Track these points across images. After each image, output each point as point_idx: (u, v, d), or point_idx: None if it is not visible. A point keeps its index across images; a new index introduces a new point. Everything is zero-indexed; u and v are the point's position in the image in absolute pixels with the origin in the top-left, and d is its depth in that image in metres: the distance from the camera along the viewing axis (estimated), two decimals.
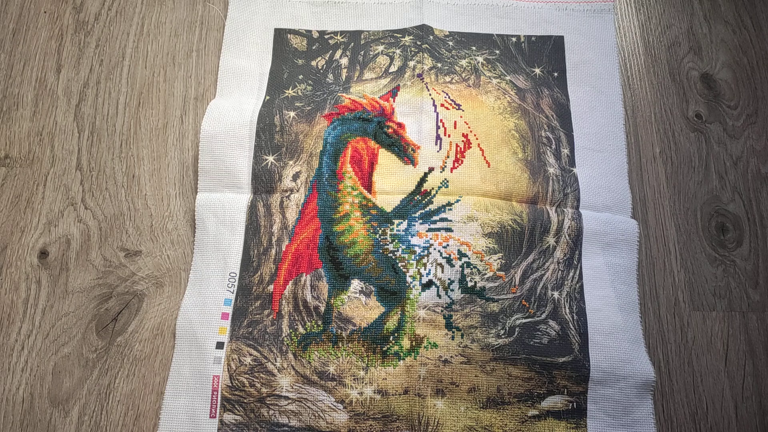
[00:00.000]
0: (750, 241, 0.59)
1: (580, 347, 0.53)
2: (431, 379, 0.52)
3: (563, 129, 0.61)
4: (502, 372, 0.52)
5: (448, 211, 0.56)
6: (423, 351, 0.52)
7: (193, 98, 0.64)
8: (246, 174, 0.58)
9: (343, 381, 0.52)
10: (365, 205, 0.57)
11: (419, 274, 0.55)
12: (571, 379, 0.52)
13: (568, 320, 0.54)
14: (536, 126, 0.61)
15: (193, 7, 0.69)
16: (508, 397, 0.52)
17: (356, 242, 0.56)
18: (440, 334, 0.53)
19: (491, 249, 0.55)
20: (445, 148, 0.59)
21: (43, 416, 0.52)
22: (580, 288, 0.55)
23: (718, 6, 0.69)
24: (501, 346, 0.53)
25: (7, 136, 0.62)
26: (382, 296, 0.54)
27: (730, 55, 0.67)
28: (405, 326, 0.53)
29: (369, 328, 0.53)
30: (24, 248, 0.58)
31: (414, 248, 0.55)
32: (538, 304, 0.54)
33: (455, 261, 0.55)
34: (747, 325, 0.56)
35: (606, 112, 0.62)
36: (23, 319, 0.55)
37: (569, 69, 0.64)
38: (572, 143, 0.60)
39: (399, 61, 0.64)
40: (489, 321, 0.53)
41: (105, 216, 0.59)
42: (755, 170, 0.62)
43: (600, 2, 0.67)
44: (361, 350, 0.53)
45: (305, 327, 0.54)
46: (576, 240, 0.56)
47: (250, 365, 0.53)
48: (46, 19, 0.68)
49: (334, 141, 0.59)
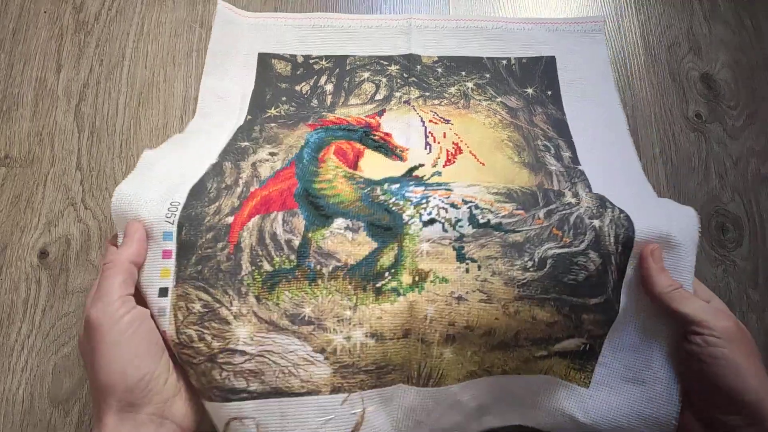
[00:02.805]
0: (750, 241, 0.59)
1: (614, 286, 0.43)
2: (441, 321, 0.41)
3: (562, 138, 0.58)
4: (527, 314, 0.42)
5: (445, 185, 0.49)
6: (430, 286, 0.42)
7: (193, 98, 0.64)
8: (215, 151, 0.52)
9: (323, 324, 0.41)
10: (351, 176, 0.49)
11: (418, 213, 0.44)
12: (597, 323, 0.43)
13: (611, 252, 0.43)
14: (531, 137, 0.57)
15: (193, 7, 0.69)
16: (524, 342, 0.43)
17: (340, 194, 0.46)
18: (450, 267, 0.42)
19: (501, 201, 0.46)
20: (435, 152, 0.54)
21: (43, 416, 0.52)
22: (626, 218, 0.44)
23: (718, 6, 0.69)
24: (528, 282, 0.42)
25: (7, 136, 0.62)
26: (373, 231, 0.44)
27: (730, 55, 0.67)
28: (404, 261, 0.42)
29: (358, 265, 0.42)
30: (24, 248, 0.58)
31: (410, 198, 0.46)
32: (575, 233, 0.43)
33: (460, 206, 0.45)
34: (747, 325, 0.56)
35: (607, 121, 0.60)
36: (23, 319, 0.55)
37: (563, 87, 0.62)
38: (573, 147, 0.57)
39: (385, 90, 0.62)
40: (512, 251, 0.43)
41: (105, 216, 0.59)
42: (755, 170, 0.62)
43: (590, 23, 0.66)
44: (348, 288, 0.42)
45: (272, 263, 0.42)
46: (601, 198, 0.47)
47: (200, 313, 0.41)
48: (46, 19, 0.68)
49: (317, 140, 0.53)
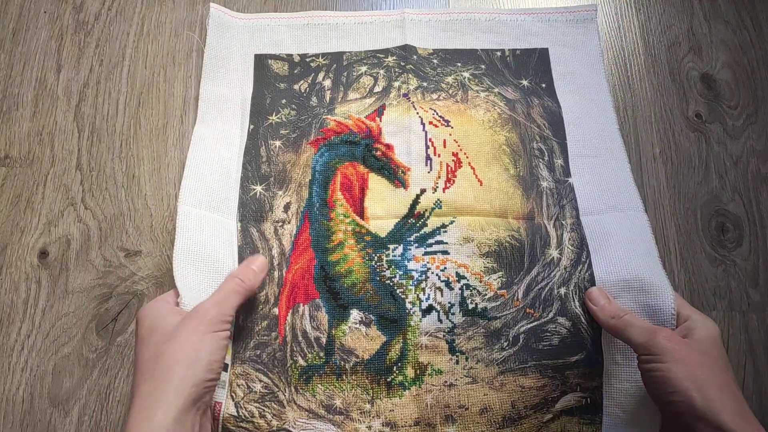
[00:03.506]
0: (750, 241, 0.59)
1: (592, 341, 0.50)
2: (438, 406, 0.50)
3: (556, 138, 0.60)
4: (513, 385, 0.50)
5: (443, 234, 0.55)
6: (428, 378, 0.50)
7: (193, 98, 0.64)
8: (233, 200, 0.57)
9: (350, 415, 0.50)
10: (359, 231, 0.55)
11: (418, 299, 0.53)
12: (585, 376, 0.50)
13: (579, 314, 0.51)
14: (528, 138, 0.59)
15: (193, 7, 0.69)
16: (524, 411, 0.49)
17: (352, 271, 0.54)
18: (444, 359, 0.51)
19: (490, 269, 0.54)
20: (436, 168, 0.58)
21: (43, 416, 0.52)
22: (590, 276, 0.52)
23: (718, 6, 0.69)
24: (506, 358, 0.50)
25: (7, 136, 0.62)
26: (382, 325, 0.52)
27: (730, 55, 0.67)
28: (408, 355, 0.51)
29: (372, 359, 0.51)
30: (24, 248, 0.58)
31: (411, 273, 0.54)
32: (544, 306, 0.52)
33: (454, 284, 0.53)
34: (747, 325, 0.56)
35: (598, 119, 0.61)
36: (23, 319, 0.55)
37: (556, 80, 0.63)
38: (566, 153, 0.59)
39: (383, 81, 0.62)
40: (492, 338, 0.51)
41: (105, 216, 0.59)
42: (755, 170, 0.62)
43: (583, 12, 0.67)
44: (366, 382, 0.51)
45: (306, 359, 0.51)
46: (581, 245, 0.54)
47: (261, 393, 0.49)
48: (46, 19, 0.68)
49: (323, 169, 0.57)
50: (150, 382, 0.40)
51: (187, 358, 0.41)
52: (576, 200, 0.57)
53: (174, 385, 0.40)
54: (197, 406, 0.41)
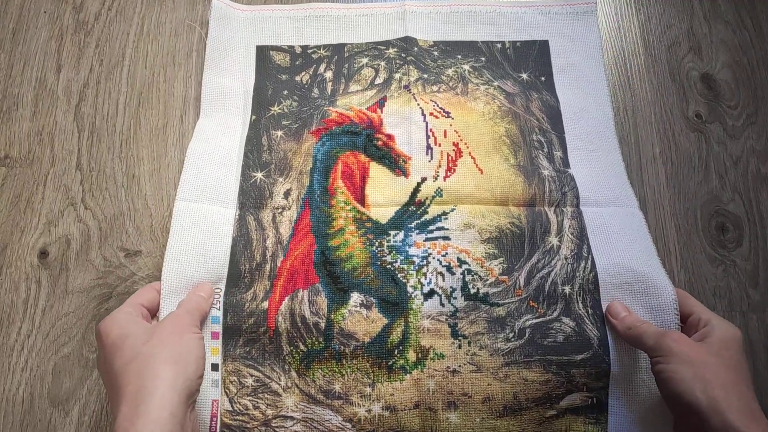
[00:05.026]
0: (750, 241, 0.59)
1: (599, 341, 0.50)
2: (441, 392, 0.50)
3: (555, 131, 0.60)
4: (517, 377, 0.50)
5: (444, 220, 0.55)
6: (430, 363, 0.50)
7: (193, 98, 0.64)
8: (233, 190, 0.57)
9: (350, 399, 0.50)
10: (359, 218, 0.55)
11: (420, 283, 0.53)
12: (591, 376, 0.49)
13: (582, 315, 0.51)
14: (527, 130, 0.60)
15: (193, 7, 0.69)
16: (526, 403, 0.49)
17: (353, 255, 0.54)
18: (446, 343, 0.51)
19: (491, 254, 0.54)
20: (436, 157, 0.58)
21: (43, 416, 0.52)
22: (594, 278, 0.53)
23: (718, 6, 0.69)
24: (511, 350, 0.50)
25: (7, 136, 0.62)
26: (383, 307, 0.52)
27: (730, 55, 0.67)
28: (410, 338, 0.51)
29: (372, 342, 0.51)
30: (24, 248, 0.58)
31: (412, 258, 0.54)
32: (548, 303, 0.52)
33: (455, 269, 0.53)
34: (747, 325, 0.56)
35: (596, 113, 0.61)
36: (23, 319, 0.55)
37: (555, 73, 0.63)
38: (564, 145, 0.59)
39: (384, 73, 0.63)
40: (496, 326, 0.51)
41: (105, 216, 0.59)
42: (755, 170, 0.62)
43: (582, 4, 0.67)
44: (366, 366, 0.51)
45: (306, 344, 0.51)
46: (581, 236, 0.54)
47: (253, 386, 0.50)
48: (46, 19, 0.68)
49: (324, 157, 0.58)
50: (136, 382, 0.40)
51: (174, 355, 0.42)
52: (577, 188, 0.57)
53: (165, 381, 0.40)
54: (188, 402, 0.42)
